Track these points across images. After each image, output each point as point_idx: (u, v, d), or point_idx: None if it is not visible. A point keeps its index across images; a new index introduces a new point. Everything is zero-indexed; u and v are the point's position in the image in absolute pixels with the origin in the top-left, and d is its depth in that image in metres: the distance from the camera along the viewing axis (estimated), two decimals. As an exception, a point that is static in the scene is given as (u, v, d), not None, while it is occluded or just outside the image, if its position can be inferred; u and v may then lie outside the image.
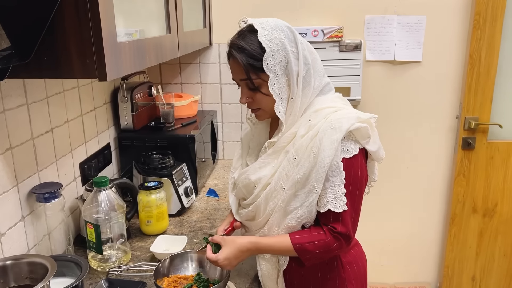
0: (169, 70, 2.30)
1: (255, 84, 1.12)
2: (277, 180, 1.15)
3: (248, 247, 1.15)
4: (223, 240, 1.16)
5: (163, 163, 1.70)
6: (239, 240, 1.16)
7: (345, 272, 1.24)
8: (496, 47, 2.15)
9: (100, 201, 1.33)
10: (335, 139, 1.08)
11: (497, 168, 2.32)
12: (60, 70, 0.93)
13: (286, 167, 1.14)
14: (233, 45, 1.13)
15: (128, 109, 1.85)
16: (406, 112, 2.31)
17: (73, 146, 1.53)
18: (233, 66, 1.15)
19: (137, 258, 1.43)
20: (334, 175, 1.09)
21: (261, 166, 1.20)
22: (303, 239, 1.12)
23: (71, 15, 0.89)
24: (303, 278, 1.23)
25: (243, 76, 1.13)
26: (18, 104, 1.23)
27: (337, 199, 1.09)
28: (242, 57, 1.10)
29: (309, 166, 1.10)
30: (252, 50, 1.10)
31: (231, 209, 1.34)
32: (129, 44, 1.06)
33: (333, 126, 1.09)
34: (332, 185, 1.10)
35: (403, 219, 2.49)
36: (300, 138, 1.13)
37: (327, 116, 1.12)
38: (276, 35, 1.10)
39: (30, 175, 1.29)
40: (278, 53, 1.09)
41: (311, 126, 1.13)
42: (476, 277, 2.51)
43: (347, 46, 2.19)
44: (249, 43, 1.10)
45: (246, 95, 1.16)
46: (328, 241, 1.11)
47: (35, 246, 1.32)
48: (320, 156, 1.08)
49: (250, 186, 1.21)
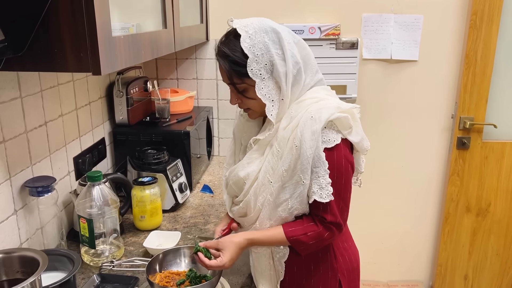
0: (165, 65, 2.29)
1: (239, 89, 1.14)
2: (264, 174, 1.15)
3: (245, 243, 1.16)
4: (218, 244, 1.16)
5: (157, 159, 1.69)
6: (235, 238, 1.16)
7: (337, 263, 1.25)
8: (492, 47, 2.15)
9: (94, 196, 1.33)
10: (315, 129, 1.08)
11: (491, 168, 2.33)
12: (54, 64, 0.93)
13: (271, 160, 1.15)
14: (218, 50, 1.14)
15: (123, 103, 1.85)
16: (401, 111, 2.32)
17: (67, 140, 1.53)
18: (221, 70, 1.16)
19: (130, 253, 1.43)
20: (317, 165, 1.10)
21: (248, 162, 1.20)
22: (297, 232, 1.14)
23: (65, 8, 0.89)
24: (295, 271, 1.24)
25: (227, 81, 1.15)
26: (11, 97, 1.22)
27: (322, 189, 1.10)
28: (225, 64, 1.11)
29: (292, 158, 1.10)
30: (235, 57, 1.10)
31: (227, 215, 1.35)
32: (124, 39, 1.06)
33: (313, 116, 1.09)
34: (316, 176, 1.10)
35: (397, 217, 2.50)
36: (282, 130, 1.13)
37: (307, 107, 1.12)
38: (260, 38, 1.09)
39: (23, 168, 1.29)
40: (262, 57, 1.08)
41: (292, 118, 1.13)
42: (468, 276, 2.52)
43: (343, 44, 2.19)
44: (233, 48, 1.10)
45: (235, 97, 1.18)
46: (320, 232, 1.13)
47: (27, 240, 1.31)
48: (303, 148, 1.08)
49: (240, 182, 1.22)
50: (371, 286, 2.59)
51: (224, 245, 1.15)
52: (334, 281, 1.25)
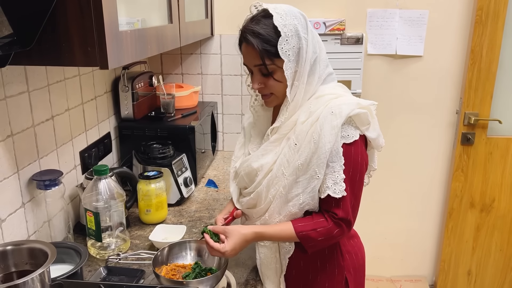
0: (170, 60, 2.30)
1: (269, 69, 1.12)
2: (279, 167, 1.15)
3: (252, 237, 1.15)
4: (225, 231, 1.15)
5: (163, 153, 1.70)
6: (243, 230, 1.15)
7: (344, 261, 1.25)
8: (498, 43, 2.15)
9: (100, 190, 1.34)
10: (335, 124, 1.09)
11: (496, 164, 2.33)
12: (61, 58, 0.94)
13: (287, 153, 1.14)
14: (247, 30, 1.12)
15: (128, 98, 1.86)
16: (406, 106, 2.32)
17: (73, 135, 1.54)
18: (247, 52, 1.14)
19: (136, 247, 1.44)
20: (334, 160, 1.10)
21: (263, 154, 1.20)
22: (306, 227, 1.13)
23: (73, 2, 0.90)
24: (302, 266, 1.25)
25: (258, 62, 1.12)
26: (19, 91, 1.23)
27: (336, 185, 1.10)
28: (257, 43, 1.09)
29: (309, 152, 1.10)
30: (268, 35, 1.09)
31: (232, 197, 1.35)
32: (130, 33, 1.07)
33: (334, 111, 1.09)
34: (332, 171, 1.10)
35: (401, 213, 2.51)
36: (301, 124, 1.13)
37: (327, 102, 1.13)
38: (290, 20, 1.10)
39: (30, 162, 1.30)
40: (291, 38, 1.09)
41: (311, 113, 1.13)
42: (472, 272, 2.53)
43: (348, 39, 2.19)
44: (264, 28, 1.10)
45: (259, 80, 1.16)
46: (330, 228, 1.12)
47: (35, 233, 1.33)
48: (321, 142, 1.08)
49: (252, 173, 1.22)
50: (375, 281, 2.59)
51: (230, 233, 1.14)
52: (340, 279, 1.26)
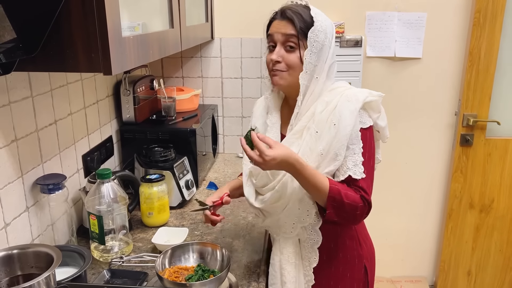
0: (170, 63, 2.31)
1: (299, 44, 1.19)
2: (302, 156, 1.18)
3: (292, 162, 1.12)
4: (271, 142, 1.13)
5: (164, 156, 1.72)
6: (289, 150, 1.13)
7: (362, 249, 1.32)
8: (496, 44, 2.16)
9: (103, 193, 1.35)
10: (353, 109, 1.17)
11: (495, 165, 2.35)
12: (65, 64, 0.95)
13: (309, 141, 1.19)
14: (289, 8, 1.21)
15: (130, 102, 1.87)
16: (405, 108, 2.33)
17: (76, 139, 1.55)
18: (280, 24, 1.21)
19: (138, 249, 1.45)
20: (354, 143, 1.17)
21: (287, 145, 1.21)
22: (340, 188, 1.15)
23: (77, 9, 0.91)
24: (325, 259, 1.28)
25: (290, 31, 1.19)
26: (23, 97, 1.25)
27: (356, 166, 1.17)
28: (296, 18, 1.18)
29: (330, 136, 1.16)
30: (306, 18, 1.19)
31: (226, 186, 1.40)
32: (133, 39, 1.08)
33: (350, 99, 1.18)
34: (352, 153, 1.17)
35: (400, 214, 2.52)
36: (319, 114, 1.20)
37: (341, 93, 1.21)
38: (324, 20, 1.21)
39: (34, 166, 1.31)
40: (320, 33, 1.18)
41: (327, 103, 1.20)
42: (471, 272, 2.54)
43: (348, 42, 2.21)
44: (303, 13, 1.20)
45: (279, 54, 1.21)
46: (358, 200, 1.15)
47: (39, 236, 1.34)
48: (342, 125, 1.16)
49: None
50: (375, 281, 2.60)
51: (278, 145, 1.13)
52: (360, 267, 1.32)
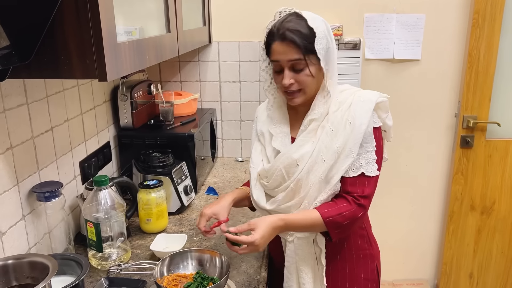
0: (168, 68, 2.30)
1: (307, 64, 1.19)
2: (317, 153, 1.22)
3: (279, 224, 1.18)
4: (250, 224, 1.17)
5: (162, 162, 1.70)
6: (268, 218, 1.19)
7: (373, 249, 1.37)
8: (495, 45, 2.15)
9: (100, 200, 1.34)
10: (368, 108, 1.20)
11: (495, 166, 2.33)
12: (60, 71, 0.94)
13: (325, 140, 1.22)
14: (283, 28, 1.18)
15: (127, 107, 1.86)
16: (405, 110, 2.32)
17: (73, 145, 1.54)
18: (282, 48, 1.19)
19: (137, 257, 1.44)
20: (368, 141, 1.20)
21: (301, 144, 1.25)
22: (332, 212, 1.18)
23: (71, 16, 0.90)
24: (338, 260, 1.31)
25: (296, 56, 1.18)
26: (18, 104, 1.23)
27: (369, 164, 1.20)
28: (297, 38, 1.16)
29: (346, 134, 1.19)
30: (306, 32, 1.18)
31: (230, 196, 1.36)
32: (129, 44, 1.07)
33: (363, 99, 1.22)
34: (365, 151, 1.21)
35: (401, 216, 2.51)
36: (333, 113, 1.23)
37: (353, 93, 1.25)
38: (319, 23, 1.20)
39: (30, 174, 1.30)
40: (323, 39, 1.19)
41: (341, 103, 1.24)
42: (473, 274, 2.52)
43: (346, 45, 2.20)
44: (300, 26, 1.18)
45: (291, 76, 1.21)
46: (355, 211, 1.19)
47: (35, 245, 1.32)
48: (357, 123, 1.19)
49: (292, 164, 1.24)
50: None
51: (256, 224, 1.16)
52: (373, 267, 1.35)
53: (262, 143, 1.37)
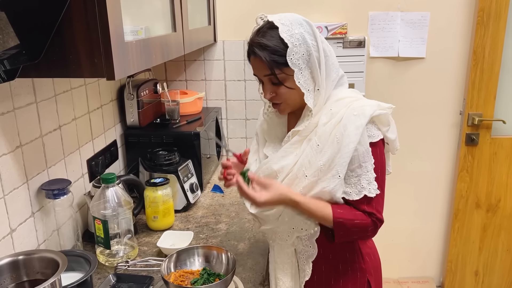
0: (174, 67, 2.32)
1: (279, 79, 1.13)
2: (299, 167, 1.15)
3: (288, 203, 1.14)
4: (266, 183, 1.14)
5: (169, 160, 1.72)
6: (283, 191, 1.13)
7: (365, 263, 1.26)
8: (500, 43, 2.15)
9: (108, 197, 1.35)
10: (360, 124, 1.11)
11: (501, 164, 2.33)
12: (69, 70, 0.95)
13: (309, 154, 1.15)
14: (254, 43, 1.14)
15: (134, 106, 1.88)
16: (409, 108, 2.32)
17: (80, 143, 1.56)
18: (255, 63, 1.16)
19: (144, 253, 1.45)
20: (366, 160, 1.12)
21: (283, 156, 1.19)
22: (345, 215, 1.13)
23: (80, 16, 0.91)
24: (323, 271, 1.25)
25: (267, 72, 1.13)
26: (27, 103, 1.25)
27: (370, 184, 1.13)
28: (265, 55, 1.11)
29: (332, 152, 1.11)
30: (275, 46, 1.11)
31: (247, 202, 1.29)
32: (136, 44, 1.08)
33: (356, 113, 1.12)
34: (365, 171, 1.12)
35: (407, 214, 2.51)
36: (323, 125, 1.15)
37: (348, 104, 1.15)
38: (296, 29, 1.11)
39: (39, 172, 1.32)
40: (300, 47, 1.10)
41: (333, 114, 1.15)
42: (479, 272, 2.52)
43: (351, 43, 2.20)
44: (271, 39, 1.12)
45: (270, 90, 1.17)
46: (367, 224, 1.14)
47: (44, 242, 1.34)
48: (345, 141, 1.10)
49: (272, 175, 1.20)
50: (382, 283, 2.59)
51: (271, 187, 1.13)
52: (363, 281, 1.26)
53: (259, 144, 1.36)
